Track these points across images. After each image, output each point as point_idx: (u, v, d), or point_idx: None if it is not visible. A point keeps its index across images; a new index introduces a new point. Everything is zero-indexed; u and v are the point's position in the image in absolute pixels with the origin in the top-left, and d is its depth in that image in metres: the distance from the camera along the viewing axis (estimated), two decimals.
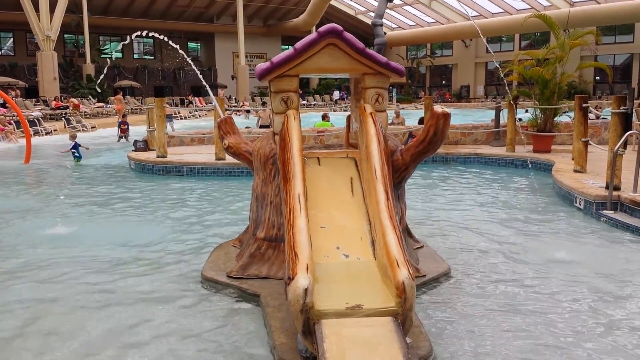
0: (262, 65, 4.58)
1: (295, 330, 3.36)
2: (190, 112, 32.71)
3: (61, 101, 30.84)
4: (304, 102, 40.09)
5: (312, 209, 4.07)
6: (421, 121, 14.34)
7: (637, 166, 6.92)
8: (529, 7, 37.99)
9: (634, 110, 8.71)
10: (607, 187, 7.07)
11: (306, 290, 3.16)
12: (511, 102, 12.27)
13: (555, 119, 12.42)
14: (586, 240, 6.19)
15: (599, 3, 35.08)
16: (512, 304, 4.35)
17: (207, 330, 3.92)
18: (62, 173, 12.12)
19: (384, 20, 19.84)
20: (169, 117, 25.84)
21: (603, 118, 14.27)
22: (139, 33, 7.43)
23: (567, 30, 13.37)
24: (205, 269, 5.00)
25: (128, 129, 19.66)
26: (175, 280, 4.94)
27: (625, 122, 7.28)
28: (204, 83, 8.78)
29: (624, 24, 38.31)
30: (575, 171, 8.82)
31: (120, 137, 19.46)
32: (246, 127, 17.23)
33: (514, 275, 5.01)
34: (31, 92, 36.31)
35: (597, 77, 41.28)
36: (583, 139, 8.79)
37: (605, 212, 6.84)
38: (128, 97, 39.05)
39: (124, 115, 20.77)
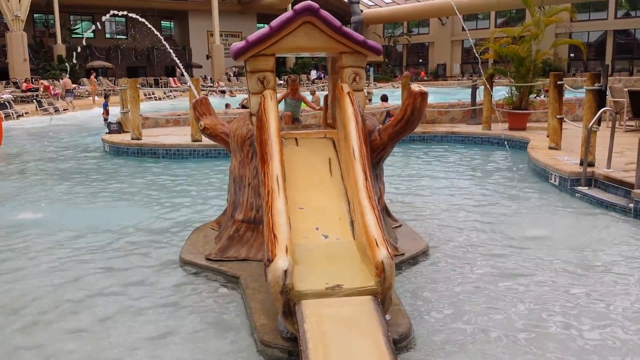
0: (237, 44, 4.51)
1: (275, 312, 3.36)
2: (164, 93, 32.23)
3: (32, 83, 30.15)
4: (281, 82, 39.80)
5: (291, 190, 4.05)
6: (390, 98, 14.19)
7: (611, 143, 7.02)
8: None
9: (607, 87, 8.81)
10: (581, 164, 7.17)
11: (286, 271, 3.15)
12: (486, 80, 12.31)
13: (530, 96, 12.52)
14: (561, 216, 6.28)
15: None
16: (489, 280, 4.41)
17: (186, 313, 3.90)
18: (34, 156, 11.89)
19: None
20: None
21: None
22: (112, 13, 7.25)
23: (542, 8, 13.39)
24: (183, 251, 4.96)
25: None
26: (153, 263, 4.90)
27: (599, 99, 7.36)
28: (178, 63, 8.62)
29: (598, 1, 38.62)
30: (550, 148, 8.92)
31: (105, 120, 18.93)
32: (226, 106, 16.98)
33: (491, 251, 5.08)
34: (1, 74, 35.44)
35: (572, 54, 41.67)
36: (558, 116, 8.88)
37: (579, 188, 6.94)
38: (101, 77, 38.33)
39: (106, 96, 20.13)
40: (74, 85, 31.78)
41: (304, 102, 5.72)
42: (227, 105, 18.61)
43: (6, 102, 21.88)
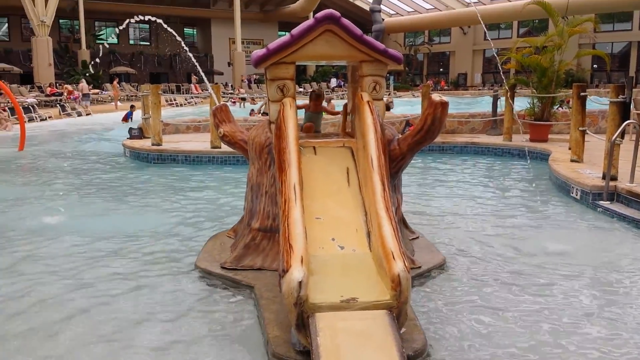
0: (258, 52, 4.49)
1: (289, 323, 3.32)
2: (185, 99, 32.48)
3: (56, 87, 30.61)
4: (301, 89, 39.89)
5: (308, 199, 4.01)
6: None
7: (635, 156, 6.88)
8: None
9: (631, 99, 8.65)
10: (604, 178, 7.03)
11: (300, 283, 3.11)
12: (508, 90, 12.18)
13: (554, 108, 12.36)
14: (582, 231, 6.15)
15: None
16: (508, 295, 4.32)
17: (199, 321, 3.88)
18: (56, 160, 12.03)
19: (381, 6, 19.68)
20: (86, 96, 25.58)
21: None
22: (136, 18, 7.33)
23: (565, 18, 13.25)
24: (199, 259, 4.95)
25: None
26: (169, 270, 4.89)
27: (623, 111, 7.22)
28: (199, 69, 8.68)
29: (623, 11, 38.14)
30: (572, 161, 8.78)
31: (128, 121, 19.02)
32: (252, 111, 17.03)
33: (510, 266, 4.98)
34: (26, 79, 36.06)
35: (595, 65, 41.15)
36: (580, 128, 8.74)
37: (601, 202, 6.80)
38: (123, 83, 38.82)
39: (132, 107, 20.29)
40: (93, 90, 32.25)
41: (325, 112, 5.66)
42: (252, 112, 18.70)
43: (30, 106, 22.24)
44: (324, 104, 5.77)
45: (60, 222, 6.53)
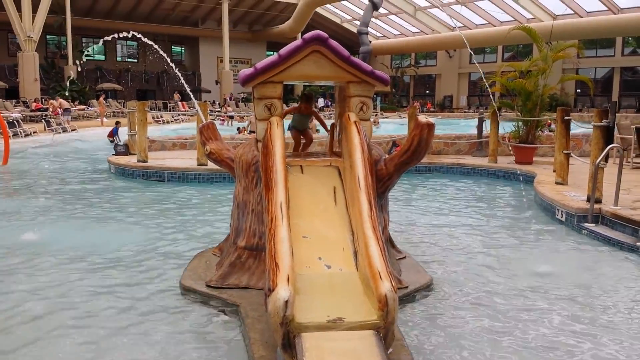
0: (245, 70, 4.51)
1: (275, 343, 3.28)
2: (172, 117, 32.42)
3: (41, 103, 30.41)
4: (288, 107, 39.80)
5: (294, 218, 4.00)
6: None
7: (619, 179, 6.97)
8: (513, 19, 38.39)
9: (615, 124, 8.78)
10: (588, 200, 7.10)
11: (287, 302, 3.09)
12: (494, 113, 12.32)
13: (538, 131, 12.50)
14: (567, 253, 6.19)
15: (582, 17, 35.57)
16: (493, 316, 4.32)
17: (184, 341, 3.82)
18: (40, 176, 11.91)
19: (369, 29, 19.91)
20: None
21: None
22: (123, 34, 7.33)
23: (549, 43, 13.47)
24: (184, 277, 4.89)
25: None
26: (152, 289, 4.82)
27: (607, 135, 7.32)
28: (187, 87, 8.68)
29: (606, 38, 38.89)
30: (557, 183, 8.86)
31: (112, 142, 19.01)
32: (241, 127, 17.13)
33: (496, 287, 4.98)
34: (11, 93, 35.80)
35: (579, 90, 41.79)
36: (565, 151, 8.84)
37: (586, 224, 6.86)
38: (110, 100, 38.68)
39: (117, 122, 20.23)
40: (79, 106, 32.07)
41: (314, 115, 5.47)
42: (239, 130, 18.72)
43: (15, 121, 22.04)
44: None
45: (43, 237, 6.43)
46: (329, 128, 5.23)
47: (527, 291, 4.87)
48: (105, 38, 7.72)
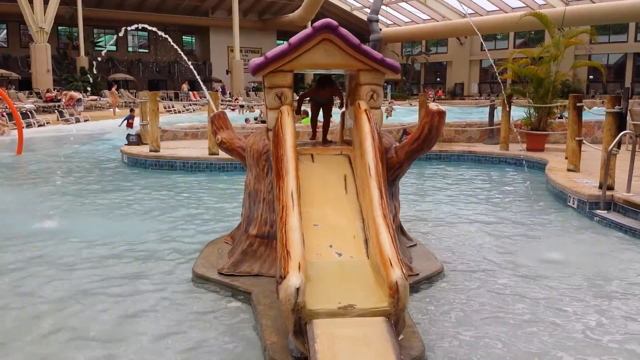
0: (256, 60, 4.52)
1: (286, 330, 3.32)
2: (184, 106, 32.54)
3: (56, 93, 30.63)
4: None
5: (305, 207, 4.03)
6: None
7: (631, 166, 6.92)
8: (525, 5, 38.04)
9: (627, 110, 8.70)
10: (600, 187, 7.06)
11: (298, 289, 3.12)
12: (505, 100, 12.25)
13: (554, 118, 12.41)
14: (579, 240, 6.18)
15: (594, 2, 35.14)
16: (504, 304, 4.33)
17: (197, 328, 3.88)
18: (54, 165, 12.02)
19: (379, 16, 19.77)
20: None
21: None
22: (134, 26, 7.36)
23: (562, 29, 13.35)
24: (196, 265, 4.95)
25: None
26: (166, 276, 4.88)
27: (619, 121, 7.26)
28: (197, 77, 8.71)
29: (618, 23, 38.41)
30: (569, 170, 8.81)
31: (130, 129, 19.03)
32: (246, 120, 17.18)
33: (507, 274, 4.99)
34: (24, 84, 36.09)
35: (591, 76, 41.41)
36: (577, 138, 8.78)
37: (598, 211, 6.83)
38: (122, 90, 38.89)
39: (131, 110, 20.33)
40: (91, 97, 32.23)
41: (338, 97, 5.34)
42: (247, 120, 18.78)
43: (28, 112, 22.24)
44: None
45: (57, 226, 6.52)
46: (340, 116, 5.25)
47: (538, 278, 4.87)
48: (120, 34, 7.77)
